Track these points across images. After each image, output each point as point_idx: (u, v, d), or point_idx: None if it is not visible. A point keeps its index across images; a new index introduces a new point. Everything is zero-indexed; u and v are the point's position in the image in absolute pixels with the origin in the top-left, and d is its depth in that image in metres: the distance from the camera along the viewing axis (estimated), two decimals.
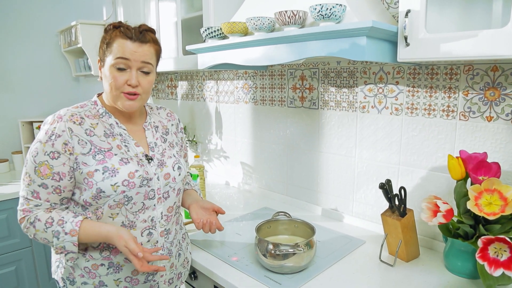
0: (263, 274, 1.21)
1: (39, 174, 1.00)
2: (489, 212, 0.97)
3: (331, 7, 1.04)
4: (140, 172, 1.06)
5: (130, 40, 1.03)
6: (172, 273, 1.20)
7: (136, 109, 1.12)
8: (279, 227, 1.40)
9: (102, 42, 1.08)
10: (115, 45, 1.03)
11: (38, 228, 1.01)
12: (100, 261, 1.07)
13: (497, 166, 1.06)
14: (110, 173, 1.01)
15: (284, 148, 1.88)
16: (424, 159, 1.36)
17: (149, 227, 1.10)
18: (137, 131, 1.15)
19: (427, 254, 1.34)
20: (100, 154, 1.03)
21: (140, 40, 1.04)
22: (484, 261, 0.98)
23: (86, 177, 1.01)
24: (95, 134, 1.05)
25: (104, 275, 1.08)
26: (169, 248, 1.16)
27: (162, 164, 1.13)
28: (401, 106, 1.40)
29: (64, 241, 1.00)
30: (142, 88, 1.07)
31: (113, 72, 1.04)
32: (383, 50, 1.10)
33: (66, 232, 0.99)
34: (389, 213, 1.28)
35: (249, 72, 2.00)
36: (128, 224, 1.07)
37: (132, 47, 1.03)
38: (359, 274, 1.21)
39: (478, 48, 0.92)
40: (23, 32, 2.89)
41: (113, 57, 1.03)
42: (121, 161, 1.04)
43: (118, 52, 1.03)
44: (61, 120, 1.01)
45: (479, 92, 1.20)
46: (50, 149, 0.99)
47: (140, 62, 1.05)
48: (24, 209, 1.03)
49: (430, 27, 1.02)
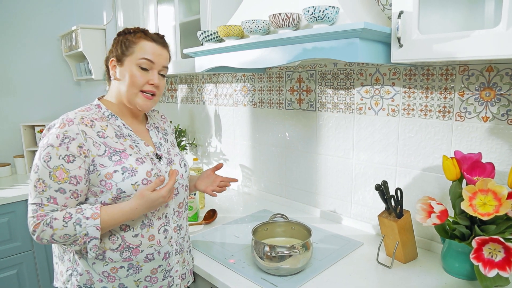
0: (260, 276, 1.21)
1: (55, 179, 0.97)
2: (483, 213, 0.97)
3: (324, 9, 1.05)
4: (155, 171, 1.09)
5: (155, 43, 1.11)
6: (184, 268, 1.22)
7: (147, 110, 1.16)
8: (276, 229, 1.40)
9: (121, 43, 1.11)
10: (139, 46, 1.09)
11: (56, 227, 0.96)
12: (119, 264, 1.06)
13: (491, 167, 1.06)
14: (130, 173, 1.03)
15: (283, 150, 1.89)
16: (421, 160, 1.36)
17: (164, 224, 1.12)
18: (142, 132, 1.18)
19: (425, 255, 1.33)
20: (116, 155, 1.04)
21: (162, 44, 1.13)
22: (478, 261, 0.98)
23: (104, 179, 1.01)
24: (107, 136, 1.06)
25: (124, 277, 1.08)
26: (181, 243, 1.19)
27: (170, 162, 1.17)
28: (397, 107, 1.40)
29: (87, 226, 0.97)
30: (159, 89, 1.14)
31: (136, 71, 1.08)
32: (377, 51, 1.10)
33: (87, 217, 0.97)
34: (386, 215, 1.27)
35: (248, 75, 2.01)
36: (147, 222, 1.08)
37: (156, 49, 1.10)
38: (356, 275, 1.21)
39: (471, 48, 0.92)
40: (24, 37, 2.92)
41: (137, 57, 1.08)
42: (137, 161, 1.06)
43: (144, 53, 1.08)
44: (73, 123, 1.00)
45: (475, 92, 1.20)
46: (64, 153, 0.98)
47: (162, 66, 1.12)
48: (39, 214, 0.97)
49: (423, 28, 1.02)
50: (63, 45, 2.99)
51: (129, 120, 1.16)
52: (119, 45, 1.11)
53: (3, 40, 2.81)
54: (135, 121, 1.18)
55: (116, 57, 1.11)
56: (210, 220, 1.69)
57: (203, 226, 1.65)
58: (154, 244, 1.10)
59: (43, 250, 2.40)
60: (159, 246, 1.11)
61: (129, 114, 1.16)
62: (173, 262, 1.16)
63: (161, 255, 1.11)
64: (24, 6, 2.88)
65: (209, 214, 1.71)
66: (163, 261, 1.12)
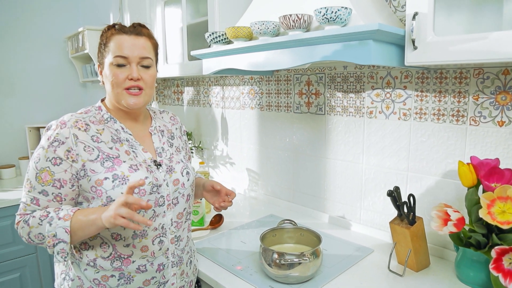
0: (268, 284, 1.18)
1: (40, 180, 0.98)
2: (502, 221, 0.94)
3: (336, 10, 1.02)
4: (150, 179, 1.04)
5: (126, 34, 1.04)
6: (183, 281, 1.17)
7: (141, 108, 1.11)
8: (285, 235, 1.37)
9: (100, 45, 1.08)
10: (112, 44, 1.04)
11: (32, 225, 0.96)
12: (110, 272, 1.04)
13: (510, 173, 1.02)
14: (121, 180, 0.99)
15: (290, 154, 1.86)
16: (434, 166, 1.32)
17: (160, 235, 1.07)
18: (143, 136, 1.14)
19: (438, 263, 1.30)
20: (109, 161, 1.01)
21: (135, 33, 1.05)
22: (498, 272, 0.94)
23: (94, 186, 0.99)
24: (102, 140, 1.03)
25: (114, 286, 1.04)
26: (180, 255, 1.14)
27: (171, 170, 1.12)
28: (409, 111, 1.37)
29: (56, 227, 0.93)
30: (144, 82, 1.06)
31: (113, 70, 1.03)
32: (390, 53, 1.07)
33: (59, 217, 0.94)
34: (397, 221, 1.24)
35: (255, 78, 1.99)
36: (140, 233, 1.04)
37: (128, 40, 1.04)
38: (367, 284, 1.18)
39: (489, 50, 0.90)
40: (30, 38, 2.91)
41: (111, 56, 1.03)
42: (130, 168, 1.02)
43: (116, 50, 1.03)
44: (65, 126, 0.99)
45: (490, 96, 1.17)
46: (52, 155, 0.97)
47: (139, 58, 1.05)
48: (21, 213, 1.01)
49: (438, 30, 1.00)
50: (69, 47, 2.99)
51: (129, 123, 1.12)
52: (98, 49, 1.09)
53: (8, 41, 2.81)
54: (136, 124, 1.14)
55: (99, 61, 1.10)
56: (216, 225, 1.66)
57: (209, 231, 1.62)
58: (147, 255, 1.05)
59: (46, 254, 2.38)
60: (152, 257, 1.06)
61: (128, 117, 1.12)
62: (168, 275, 1.11)
63: (155, 266, 1.07)
64: (31, 8, 2.88)
65: (215, 219, 1.69)
66: (157, 273, 1.08)
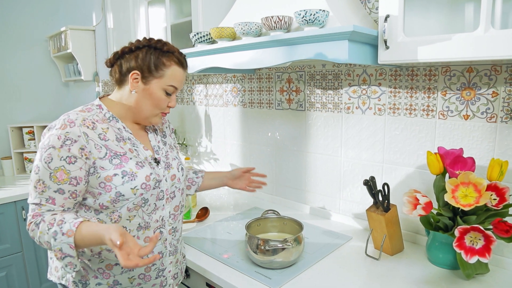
0: (254, 269, 1.25)
1: (55, 179, 0.98)
2: (465, 204, 1.03)
3: (315, 12, 1.10)
4: (154, 175, 1.10)
5: (183, 69, 1.14)
6: (177, 268, 1.24)
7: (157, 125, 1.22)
8: (268, 224, 1.44)
9: (151, 60, 1.08)
10: (170, 72, 1.10)
11: (42, 230, 0.95)
12: (114, 261, 1.09)
13: (472, 161, 1.12)
14: (130, 177, 1.04)
15: (273, 149, 1.93)
16: (407, 157, 1.42)
17: (160, 226, 1.14)
18: (141, 135, 1.18)
19: (411, 247, 1.39)
20: (117, 159, 1.04)
21: (186, 68, 1.16)
22: (460, 249, 1.04)
23: (104, 181, 1.02)
24: (108, 138, 1.06)
25: (118, 274, 1.10)
26: (176, 245, 1.22)
27: (168, 166, 1.18)
28: (384, 107, 1.46)
29: (61, 242, 0.92)
30: None
31: (161, 95, 1.11)
32: (365, 53, 1.15)
33: (63, 232, 0.92)
34: (373, 209, 1.33)
35: (238, 76, 2.05)
36: (144, 225, 1.10)
37: (183, 75, 1.14)
38: (346, 268, 1.26)
39: (453, 50, 0.99)
40: (12, 38, 2.89)
41: (165, 82, 1.10)
42: (137, 165, 1.07)
43: (173, 80, 1.11)
44: (74, 125, 1.00)
45: (456, 92, 1.27)
46: (66, 154, 0.98)
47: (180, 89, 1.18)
48: (35, 213, 0.99)
49: (408, 31, 1.08)
50: (51, 46, 2.98)
51: (129, 123, 1.16)
52: (147, 61, 1.07)
53: None
54: (135, 124, 1.18)
55: (142, 72, 1.08)
56: (202, 218, 1.72)
57: (195, 224, 1.68)
58: None
59: (32, 252, 2.39)
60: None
61: (131, 118, 1.16)
62: (166, 263, 1.18)
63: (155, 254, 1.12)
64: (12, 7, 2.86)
65: (201, 212, 1.75)
66: (157, 261, 1.15)
